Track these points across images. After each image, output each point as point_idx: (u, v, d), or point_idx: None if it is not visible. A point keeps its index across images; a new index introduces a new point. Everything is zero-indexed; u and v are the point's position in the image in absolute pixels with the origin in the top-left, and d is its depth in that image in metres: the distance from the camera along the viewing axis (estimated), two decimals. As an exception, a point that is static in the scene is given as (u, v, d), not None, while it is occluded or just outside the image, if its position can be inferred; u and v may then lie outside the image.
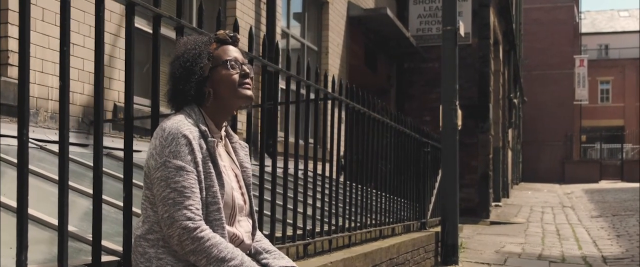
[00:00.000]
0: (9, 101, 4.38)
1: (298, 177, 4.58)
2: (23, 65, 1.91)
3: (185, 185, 2.12)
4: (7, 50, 4.47)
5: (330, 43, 10.89)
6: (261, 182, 3.62)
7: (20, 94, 1.90)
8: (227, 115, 2.38)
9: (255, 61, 3.67)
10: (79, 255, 2.51)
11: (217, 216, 2.20)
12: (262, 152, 3.75)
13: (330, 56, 10.86)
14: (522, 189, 25.88)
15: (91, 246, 2.32)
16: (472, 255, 8.31)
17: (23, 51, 1.95)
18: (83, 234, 2.68)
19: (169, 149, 2.14)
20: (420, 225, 7.62)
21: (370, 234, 5.48)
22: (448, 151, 7.68)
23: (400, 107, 14.31)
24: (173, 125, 2.19)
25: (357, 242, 5.15)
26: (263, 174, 3.67)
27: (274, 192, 3.78)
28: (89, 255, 2.41)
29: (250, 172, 2.47)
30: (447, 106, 7.71)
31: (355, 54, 12.24)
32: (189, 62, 2.29)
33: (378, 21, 12.05)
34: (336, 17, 11.13)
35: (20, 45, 1.96)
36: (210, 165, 2.21)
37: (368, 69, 13.18)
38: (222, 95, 2.31)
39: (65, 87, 2.20)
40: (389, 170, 6.34)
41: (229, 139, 2.47)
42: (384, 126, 5.97)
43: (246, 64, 2.38)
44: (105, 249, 2.57)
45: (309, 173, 4.35)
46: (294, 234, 3.90)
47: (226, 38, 2.38)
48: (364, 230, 5.25)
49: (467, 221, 11.91)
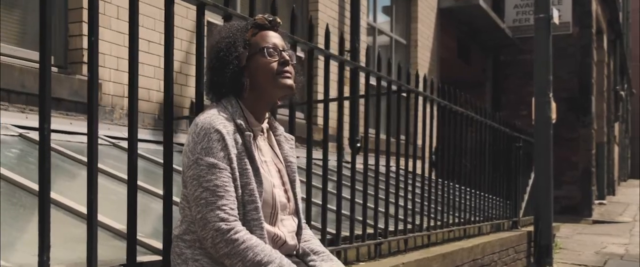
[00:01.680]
0: (84, 99, 4.41)
1: (365, 173, 4.38)
2: (44, 60, 1.84)
3: (218, 184, 1.99)
4: (83, 48, 4.51)
5: (420, 36, 10.61)
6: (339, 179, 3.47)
7: (41, 86, 1.83)
8: (267, 106, 2.22)
9: (332, 59, 3.56)
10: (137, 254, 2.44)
11: (255, 216, 2.06)
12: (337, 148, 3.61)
13: (420, 49, 10.59)
14: (629, 186, 24.59)
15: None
16: (569, 256, 7.87)
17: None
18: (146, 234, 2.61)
19: (201, 146, 2.01)
20: (512, 224, 7.27)
21: (453, 233, 5.23)
22: (541, 145, 7.29)
23: (496, 101, 13.84)
24: (206, 119, 2.05)
25: (438, 242, 4.92)
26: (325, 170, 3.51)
27: (353, 189, 3.64)
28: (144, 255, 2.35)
29: (295, 166, 2.30)
30: (540, 98, 7.32)
31: (447, 47, 11.91)
32: (223, 51, 2.15)
33: (470, 12, 11.66)
34: (426, 9, 10.84)
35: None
36: (246, 161, 2.06)
37: (461, 62, 12.81)
38: (260, 85, 2.15)
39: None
40: (475, 166, 6.07)
41: (273, 132, 2.30)
42: (470, 121, 5.70)
43: (287, 50, 2.20)
44: (152, 249, 2.49)
45: (382, 169, 4.17)
46: (363, 234, 3.72)
47: (264, 23, 2.20)
48: (445, 229, 5.00)
49: (567, 219, 11.36)
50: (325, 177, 3.37)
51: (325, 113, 3.53)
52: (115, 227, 2.55)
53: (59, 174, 3.37)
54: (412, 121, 4.65)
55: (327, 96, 3.53)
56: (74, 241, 2.48)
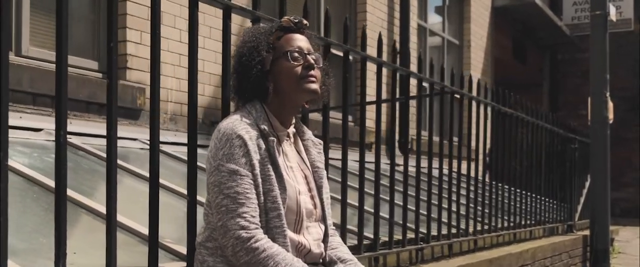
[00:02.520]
0: (126, 104, 4.46)
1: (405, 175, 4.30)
2: (60, 65, 1.83)
3: (239, 191, 1.95)
4: (126, 54, 4.56)
5: (473, 36, 10.44)
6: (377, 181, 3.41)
7: (57, 92, 1.82)
8: (293, 111, 2.17)
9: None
10: (164, 260, 2.43)
11: (278, 223, 2.01)
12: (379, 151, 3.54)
13: (473, 50, 10.41)
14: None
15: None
16: (627, 260, 7.60)
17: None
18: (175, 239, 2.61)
19: (222, 152, 1.98)
20: (567, 228, 7.05)
21: (502, 237, 5.09)
22: (597, 146, 7.05)
23: (553, 101, 13.52)
24: (228, 125, 2.02)
25: (485, 247, 4.80)
26: (361, 172, 3.45)
27: (392, 191, 3.57)
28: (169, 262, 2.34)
29: (323, 172, 2.24)
30: (596, 98, 7.08)
31: (502, 46, 11.68)
32: (245, 56, 2.11)
33: (526, 10, 11.42)
34: (479, 8, 10.65)
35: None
36: (269, 167, 2.02)
37: (516, 62, 12.54)
38: (284, 89, 2.10)
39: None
40: (528, 168, 5.91)
41: (301, 137, 2.25)
42: (522, 122, 5.56)
43: (313, 53, 2.14)
44: (179, 255, 2.48)
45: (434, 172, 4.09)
46: (403, 238, 3.65)
47: (290, 25, 2.15)
48: (493, 233, 4.87)
49: (627, 223, 10.98)
50: (361, 179, 3.30)
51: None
52: (144, 233, 2.54)
53: (99, 178, 3.40)
54: (458, 122, 4.57)
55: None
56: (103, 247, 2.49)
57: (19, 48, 4.04)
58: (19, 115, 3.81)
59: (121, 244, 2.43)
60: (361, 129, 3.37)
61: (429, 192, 4.04)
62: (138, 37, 4.62)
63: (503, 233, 5.08)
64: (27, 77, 3.89)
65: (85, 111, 4.24)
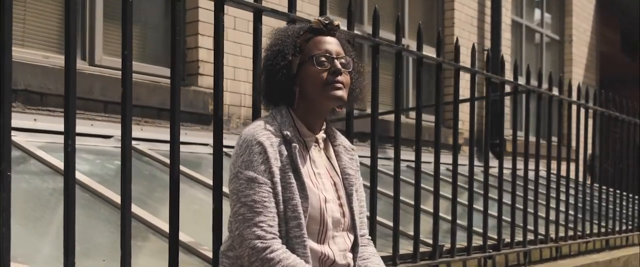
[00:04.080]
0: (198, 110, 4.51)
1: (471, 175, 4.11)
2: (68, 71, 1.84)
3: (256, 199, 1.89)
4: (198, 60, 4.61)
5: (575, 30, 9.95)
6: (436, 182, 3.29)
7: (66, 102, 1.83)
8: (321, 115, 2.08)
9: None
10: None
11: (298, 233, 1.93)
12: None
13: (575, 45, 9.93)
14: None
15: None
16: None
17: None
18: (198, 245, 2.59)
19: (242, 159, 1.93)
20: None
21: (591, 244, 4.79)
22: None
23: (668, 97, 12.68)
24: (250, 131, 1.97)
25: (570, 254, 4.52)
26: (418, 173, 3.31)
27: (455, 193, 3.44)
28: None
29: (354, 179, 2.13)
30: None
31: (608, 41, 11.08)
32: (270, 60, 2.05)
33: (636, 1, 10.75)
34: (583, 0, 10.14)
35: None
36: (290, 174, 1.94)
37: (625, 57, 11.86)
38: (309, 95, 2.01)
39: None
40: (632, 170, 5.56)
41: (332, 142, 2.16)
42: (621, 123, 5.27)
43: (343, 57, 2.04)
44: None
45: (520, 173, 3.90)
46: (468, 246, 3.47)
47: (319, 26, 2.05)
48: (579, 240, 4.58)
49: None
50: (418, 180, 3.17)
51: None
52: (183, 241, 2.53)
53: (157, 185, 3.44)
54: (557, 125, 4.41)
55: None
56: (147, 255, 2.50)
57: (92, 57, 4.17)
58: (90, 123, 3.93)
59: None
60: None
61: (513, 195, 3.90)
62: (210, 44, 4.66)
63: (591, 240, 4.76)
64: (99, 86, 4.00)
65: (157, 118, 4.32)
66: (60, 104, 3.73)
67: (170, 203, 2.13)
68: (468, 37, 7.49)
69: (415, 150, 3.15)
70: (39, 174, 2.94)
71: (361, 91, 2.16)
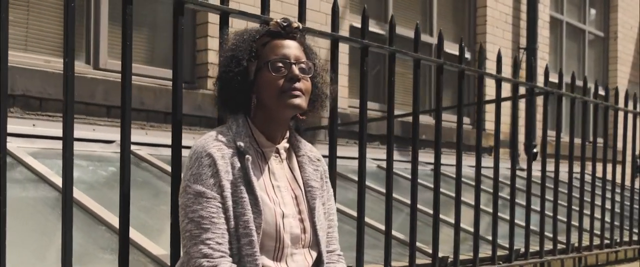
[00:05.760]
0: (207, 113, 4.42)
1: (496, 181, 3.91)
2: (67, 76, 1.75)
3: (203, 215, 1.77)
4: (208, 63, 4.52)
5: (621, 27, 9.57)
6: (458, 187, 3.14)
7: (64, 114, 1.77)
8: (281, 124, 1.93)
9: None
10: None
11: (250, 251, 1.79)
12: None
13: (621, 42, 9.54)
14: None
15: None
16: None
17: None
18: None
19: (191, 172, 1.81)
20: None
21: (620, 254, 4.52)
22: None
23: None
24: (201, 142, 1.84)
25: (598, 265, 4.27)
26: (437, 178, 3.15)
27: (478, 198, 3.28)
28: None
29: (317, 192, 1.97)
30: None
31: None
32: (224, 67, 1.93)
33: (685, -4, 10.29)
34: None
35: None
36: (242, 188, 1.80)
37: (677, 53, 11.35)
38: (266, 103, 1.87)
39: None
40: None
41: (296, 152, 2.01)
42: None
43: (302, 62, 1.88)
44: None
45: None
46: (493, 255, 3.29)
47: (277, 29, 1.91)
48: (606, 249, 4.33)
49: None
50: (437, 185, 3.01)
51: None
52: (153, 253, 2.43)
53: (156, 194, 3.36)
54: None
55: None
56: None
57: (96, 61, 4.12)
58: (92, 128, 3.87)
59: None
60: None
61: (542, 199, 3.81)
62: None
63: (621, 249, 4.49)
64: (101, 90, 3.94)
65: (163, 122, 4.24)
66: (60, 108, 3.68)
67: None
68: (502, 35, 7.23)
69: (456, 154, 3.11)
70: (21, 182, 2.87)
71: (324, 97, 2.02)
